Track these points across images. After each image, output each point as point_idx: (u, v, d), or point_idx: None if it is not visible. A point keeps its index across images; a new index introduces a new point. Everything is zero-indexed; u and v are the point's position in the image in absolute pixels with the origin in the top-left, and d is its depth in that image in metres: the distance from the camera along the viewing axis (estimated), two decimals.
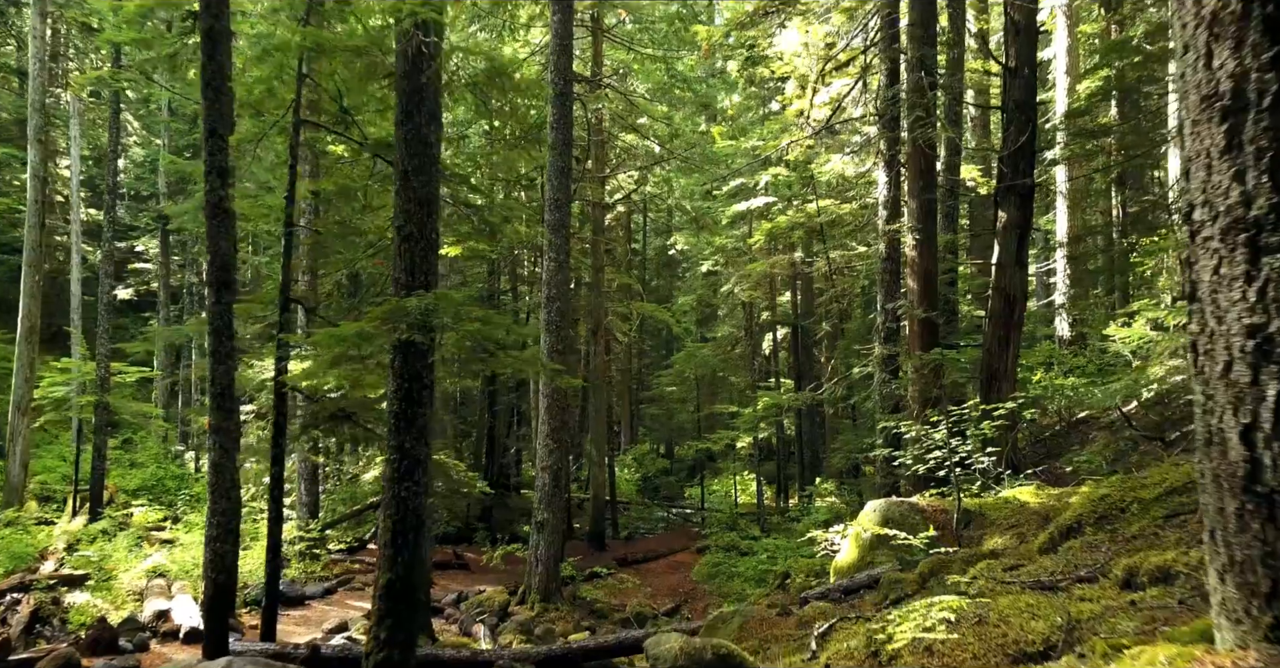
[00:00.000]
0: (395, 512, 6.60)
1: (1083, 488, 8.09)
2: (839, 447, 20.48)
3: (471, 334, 6.55)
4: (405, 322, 6.31)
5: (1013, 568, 4.86)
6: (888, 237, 13.03)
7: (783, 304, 27.41)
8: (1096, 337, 23.19)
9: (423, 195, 6.89)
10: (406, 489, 6.64)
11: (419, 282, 6.75)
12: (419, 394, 6.75)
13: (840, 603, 7.38)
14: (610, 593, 15.51)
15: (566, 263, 14.68)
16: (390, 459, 6.69)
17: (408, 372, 6.70)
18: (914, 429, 8.77)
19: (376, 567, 6.63)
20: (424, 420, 6.78)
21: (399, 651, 6.36)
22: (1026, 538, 7.03)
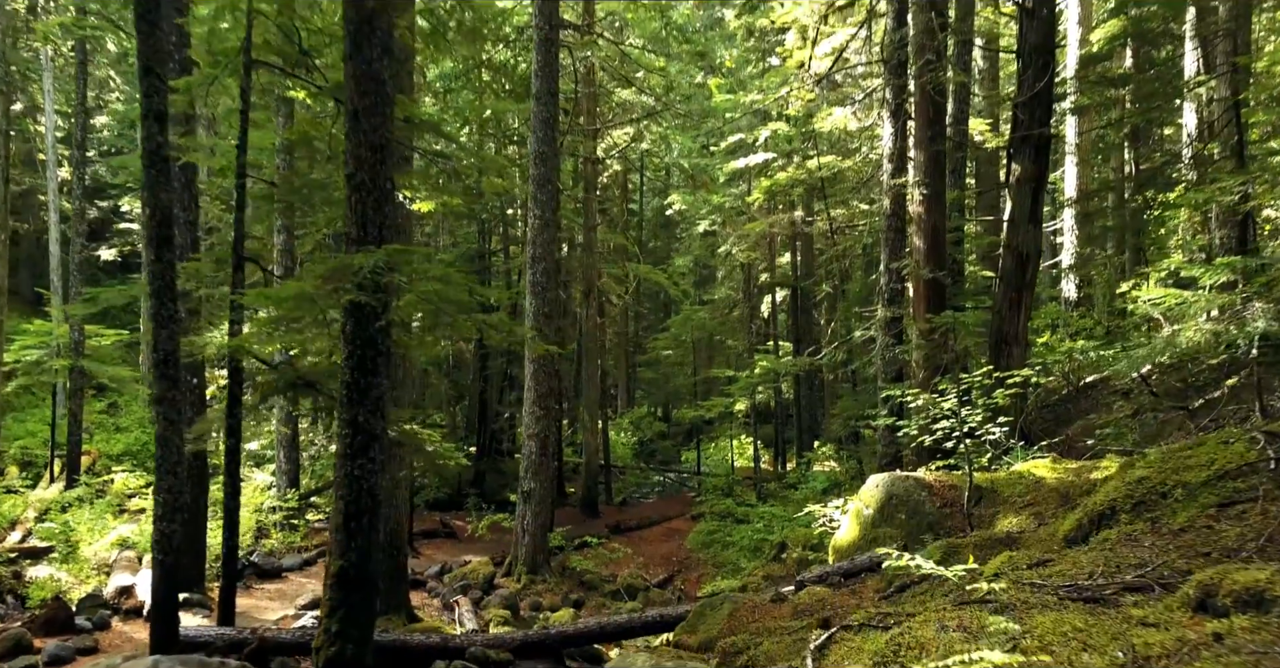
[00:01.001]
0: (348, 492, 5.96)
1: (1104, 462, 7.45)
2: (838, 413, 19.88)
3: (430, 296, 5.85)
4: (352, 281, 5.60)
5: (1039, 564, 4.21)
6: (892, 192, 12.26)
7: (782, 265, 26.64)
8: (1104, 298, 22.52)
9: (375, 139, 6.13)
10: (360, 468, 5.99)
11: (371, 236, 6.02)
12: (373, 362, 6.07)
13: (840, 588, 6.78)
14: (601, 563, 15.00)
15: (553, 220, 13.91)
16: (342, 435, 6.03)
17: (360, 337, 6.01)
18: (920, 398, 8.10)
19: (328, 552, 6.01)
20: (379, 391, 6.10)
21: (353, 645, 5.76)
22: (1045, 520, 6.40)
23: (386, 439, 6.19)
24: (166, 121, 7.33)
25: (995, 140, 19.35)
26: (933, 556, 6.17)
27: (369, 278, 5.65)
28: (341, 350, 6.07)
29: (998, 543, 5.91)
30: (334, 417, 15.39)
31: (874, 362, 12.84)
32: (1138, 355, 7.71)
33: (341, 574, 5.86)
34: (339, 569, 5.87)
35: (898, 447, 11.68)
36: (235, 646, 7.51)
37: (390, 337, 6.20)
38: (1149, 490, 4.69)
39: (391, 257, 5.73)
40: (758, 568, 13.57)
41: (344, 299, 5.60)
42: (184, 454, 7.44)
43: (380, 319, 5.87)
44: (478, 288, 5.98)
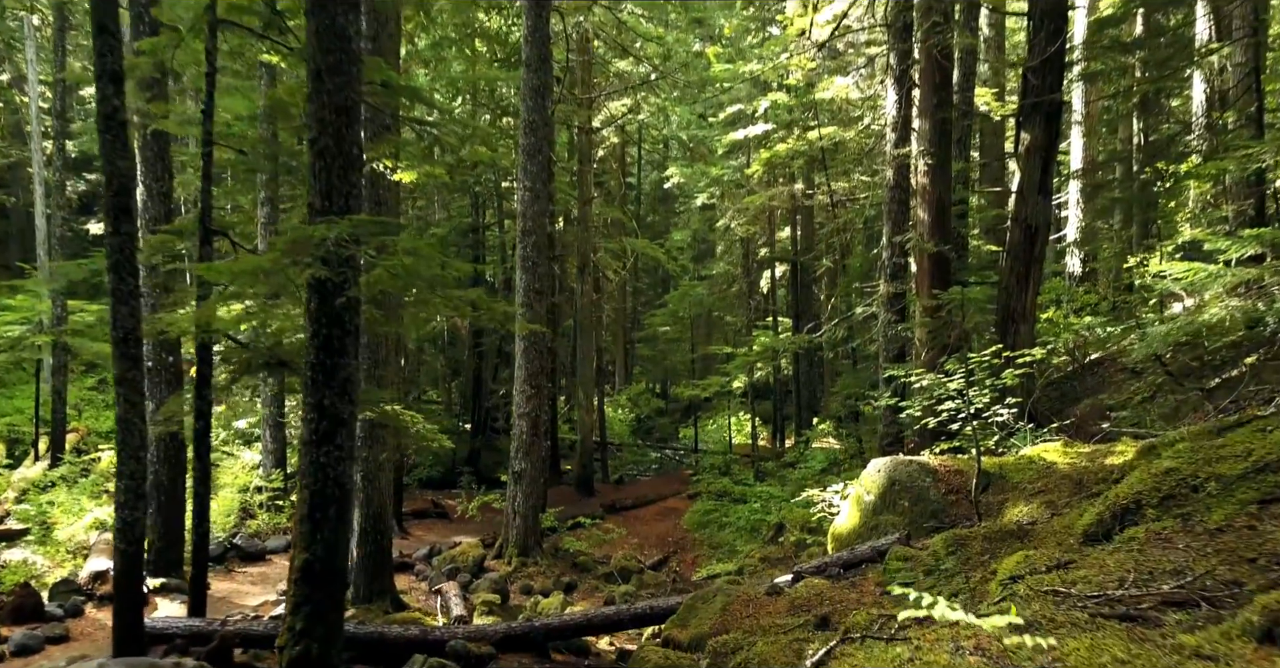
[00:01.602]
0: (314, 481, 5.56)
1: (1119, 446, 7.05)
2: (838, 391, 19.50)
3: (397, 270, 5.41)
4: (314, 255, 5.16)
5: (1060, 566, 3.82)
6: (896, 162, 11.77)
7: (782, 240, 26.13)
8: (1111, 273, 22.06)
9: (340, 101, 5.66)
10: (327, 455, 5.58)
11: (337, 206, 5.57)
12: (341, 342, 5.64)
13: (839, 580, 6.41)
14: (594, 544, 14.69)
15: (545, 193, 13.43)
16: (307, 419, 5.62)
17: (325, 315, 5.58)
18: (925, 378, 7.68)
19: (292, 545, 5.63)
20: (347, 373, 5.68)
21: (319, 644, 5.39)
22: (1058, 509, 6.02)
23: (355, 424, 5.78)
24: (122, 83, 6.86)
25: (1001, 110, 18.80)
26: (938, 548, 5.80)
27: (332, 251, 5.21)
28: (306, 329, 5.65)
29: (1008, 536, 5.52)
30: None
31: (875, 339, 12.43)
32: (1156, 334, 7.29)
33: (306, 568, 5.47)
34: (304, 563, 5.48)
35: (899, 427, 11.30)
36: (203, 638, 7.17)
37: (359, 314, 5.77)
38: (1178, 483, 4.29)
39: (356, 228, 5.29)
40: (754, 550, 13.25)
41: (305, 274, 5.17)
42: (147, 438, 7.06)
43: (346, 295, 5.43)
44: (452, 262, 5.54)
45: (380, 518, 10.16)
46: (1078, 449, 7.27)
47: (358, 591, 10.09)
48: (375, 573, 10.13)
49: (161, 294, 10.46)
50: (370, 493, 10.13)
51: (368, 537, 10.08)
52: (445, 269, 5.57)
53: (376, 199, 10.04)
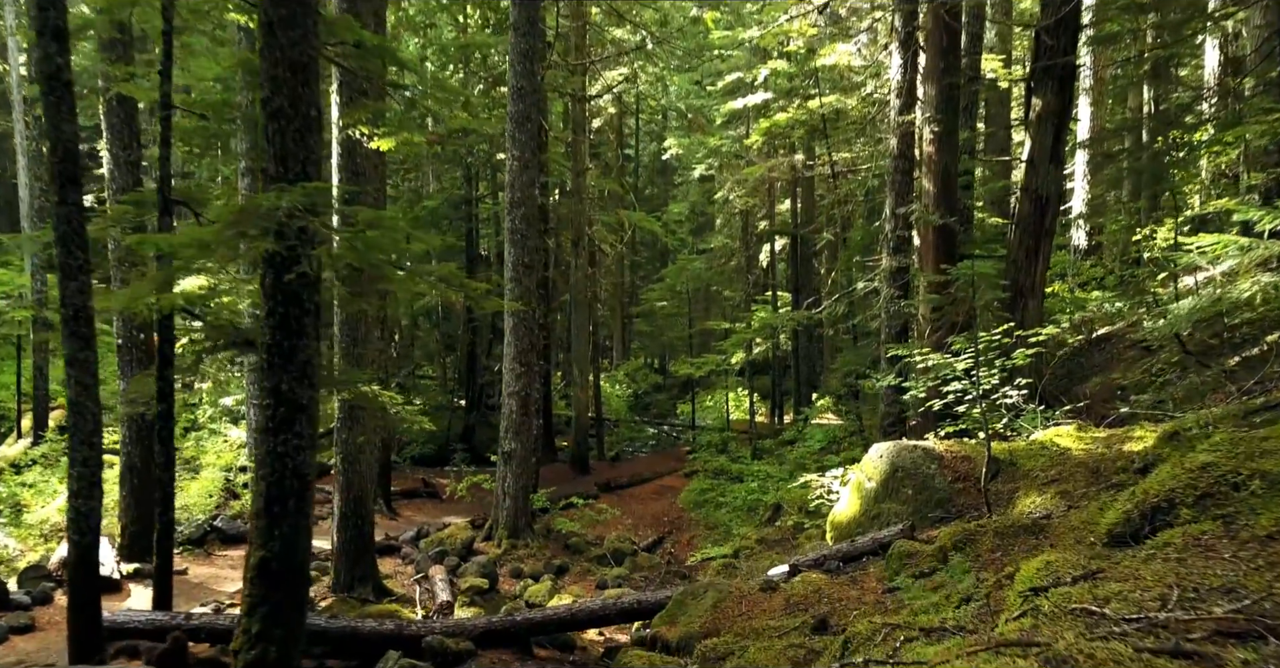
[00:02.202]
0: (271, 472, 5.13)
1: (1138, 431, 6.62)
2: (837, 368, 19.05)
3: (360, 244, 4.94)
4: (263, 226, 4.69)
5: (1089, 577, 3.39)
6: (900, 130, 11.24)
7: (781, 212, 25.58)
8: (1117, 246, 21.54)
9: (295, 57, 5.15)
10: (284, 443, 5.15)
11: (293, 172, 5.09)
12: (299, 322, 5.19)
13: (838, 575, 6.01)
14: (587, 525, 14.32)
15: (534, 162, 12.90)
16: (264, 405, 5.18)
17: (282, 293, 5.12)
18: (930, 357, 7.23)
19: (249, 540, 5.22)
20: (307, 355, 5.23)
21: (277, 648, 4.99)
22: (1075, 500, 5.60)
23: (316, 409, 5.34)
24: (66, 40, 6.34)
25: (1008, 76, 18.19)
26: (946, 543, 5.38)
27: (282, 223, 4.74)
28: (262, 308, 5.19)
29: (1022, 531, 5.10)
30: None
31: (877, 315, 11.97)
32: (1180, 311, 6.84)
33: (263, 567, 5.06)
34: (260, 561, 5.07)
35: (901, 407, 10.89)
36: (166, 633, 6.79)
37: (318, 291, 5.31)
38: (1216, 481, 3.86)
39: (312, 197, 4.81)
40: (751, 532, 12.89)
41: (251, 246, 4.70)
42: (100, 422, 6.62)
43: (303, 271, 4.96)
44: (420, 235, 5.08)
45: (361, 502, 9.77)
46: (1093, 434, 6.84)
47: (338, 577, 9.74)
48: (356, 558, 9.75)
49: (128, 268, 9.99)
50: (350, 476, 9.73)
51: (348, 522, 9.69)
52: (411, 242, 5.10)
53: (354, 169, 9.54)
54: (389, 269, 5.14)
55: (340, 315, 9.59)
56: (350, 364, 9.58)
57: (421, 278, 5.31)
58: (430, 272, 5.36)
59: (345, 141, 9.31)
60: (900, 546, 5.67)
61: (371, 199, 14.43)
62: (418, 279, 5.36)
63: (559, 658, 6.86)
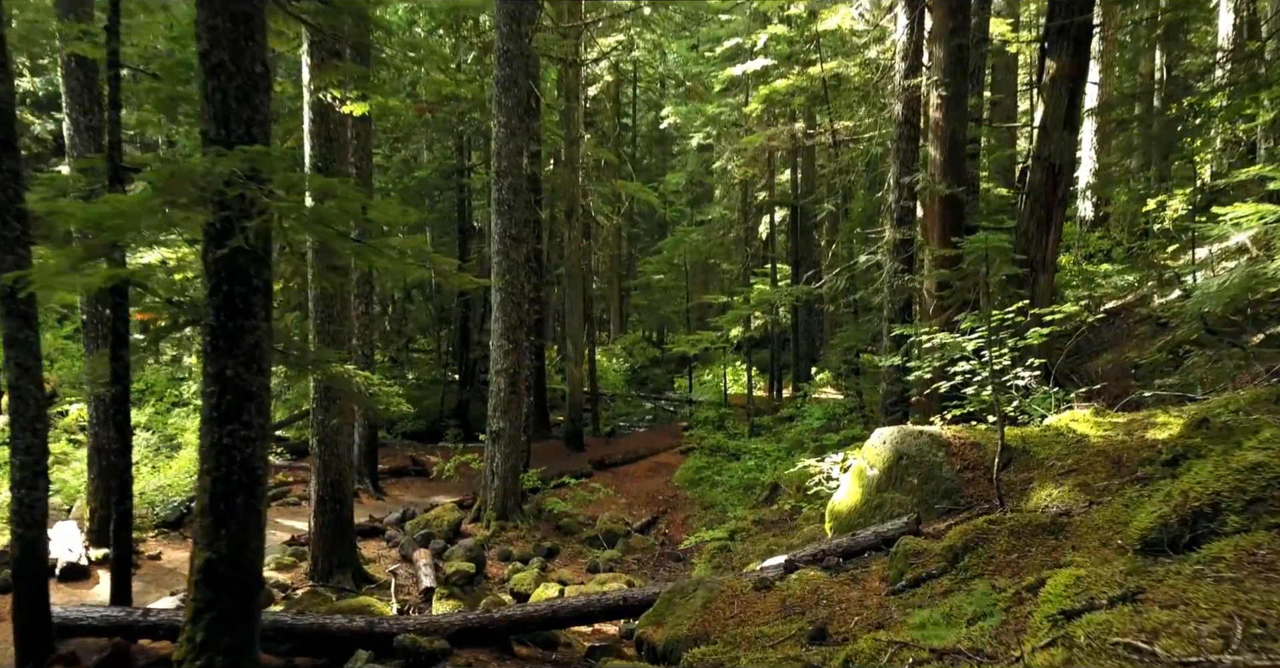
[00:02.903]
0: (216, 466, 4.68)
1: (1160, 416, 6.15)
2: (837, 344, 18.58)
3: (309, 216, 4.44)
4: (196, 195, 4.19)
5: (1130, 598, 2.94)
6: (906, 95, 10.67)
7: (781, 183, 24.95)
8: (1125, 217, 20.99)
9: (237, 7, 4.62)
10: (231, 434, 4.69)
11: (237, 134, 4.58)
12: (246, 301, 4.71)
13: (838, 572, 5.58)
14: (579, 505, 13.95)
15: (522, 130, 12.33)
16: (207, 393, 4.72)
17: (228, 269, 4.63)
18: (937, 336, 6.75)
19: (193, 540, 4.78)
20: (255, 337, 4.75)
21: (225, 657, 4.57)
22: (1096, 494, 5.15)
23: (267, 397, 4.88)
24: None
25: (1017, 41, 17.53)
26: (955, 542, 4.94)
27: (220, 191, 4.24)
28: (204, 285, 4.70)
29: (1040, 530, 4.66)
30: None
31: (879, 290, 11.47)
32: (1211, 289, 6.36)
33: (209, 569, 4.63)
34: (205, 563, 4.64)
35: (904, 386, 10.43)
36: (123, 630, 6.39)
37: (268, 268, 4.82)
38: (1269, 483, 3.40)
39: (254, 162, 4.30)
40: (747, 513, 12.52)
41: (185, 217, 4.20)
42: (45, 407, 6.16)
43: (237, 245, 4.47)
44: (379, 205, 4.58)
45: (339, 485, 9.35)
46: (1111, 419, 6.38)
47: (315, 564, 9.35)
48: (335, 544, 9.35)
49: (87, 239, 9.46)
50: (328, 459, 9.30)
51: (326, 506, 9.28)
52: (368, 213, 4.60)
53: (327, 135, 8.99)
54: (340, 243, 4.64)
55: (314, 291, 9.10)
56: (325, 342, 9.11)
57: (382, 253, 4.82)
58: (393, 246, 4.87)
59: (316, 106, 8.76)
60: (905, 543, 5.24)
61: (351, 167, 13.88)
62: (378, 254, 4.87)
63: (540, 657, 6.46)
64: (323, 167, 8.95)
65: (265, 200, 4.13)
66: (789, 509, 10.55)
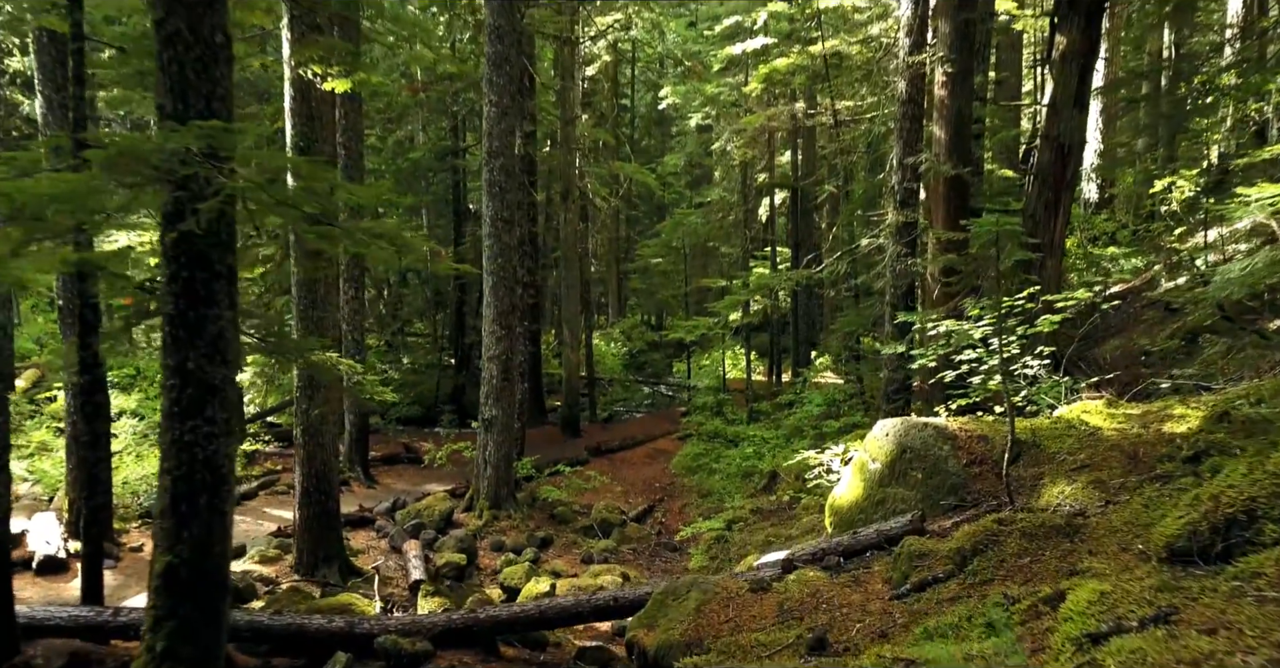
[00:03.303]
0: (177, 464, 4.40)
1: (1178, 408, 5.86)
2: (838, 329, 18.26)
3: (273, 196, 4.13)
4: (146, 174, 3.88)
5: (1163, 619, 2.66)
6: (910, 71, 10.29)
7: (781, 165, 24.55)
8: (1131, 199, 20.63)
9: None
10: (194, 430, 4.40)
11: (195, 110, 4.26)
12: (208, 287, 4.41)
13: (839, 573, 5.31)
14: (575, 493, 13.71)
15: (514, 109, 11.97)
16: (167, 386, 4.43)
17: (187, 254, 4.33)
18: (944, 323, 6.44)
19: (153, 543, 4.51)
20: (219, 327, 4.45)
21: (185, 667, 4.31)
22: (1112, 493, 4.87)
23: (233, 390, 4.59)
24: None
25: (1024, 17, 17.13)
26: (964, 543, 4.67)
27: (175, 169, 3.92)
28: (162, 271, 4.40)
29: (1054, 532, 4.38)
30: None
31: (882, 274, 11.16)
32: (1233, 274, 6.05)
33: (170, 575, 4.35)
34: (166, 568, 4.36)
35: (906, 373, 10.14)
36: (92, 631, 6.13)
37: (232, 252, 4.51)
38: None
39: (212, 138, 3.98)
40: (745, 502, 12.27)
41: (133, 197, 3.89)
42: (5, 402, 5.87)
43: (219, 229, 4.16)
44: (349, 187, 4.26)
45: (324, 476, 9.08)
46: (1125, 410, 6.09)
47: (300, 557, 9.10)
48: (320, 537, 9.10)
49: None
50: (312, 449, 9.02)
51: (310, 497, 9.01)
52: (336, 194, 4.29)
53: (308, 113, 8.64)
54: (303, 227, 4.33)
55: (297, 276, 8.79)
56: (308, 328, 8.81)
57: (354, 237, 4.51)
58: (366, 230, 4.56)
59: (297, 82, 8.41)
60: (910, 544, 4.96)
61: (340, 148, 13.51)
62: (350, 238, 4.56)
63: (528, 658, 6.22)
64: (305, 146, 8.62)
65: (221, 180, 3.82)
66: (787, 500, 10.29)
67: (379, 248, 4.78)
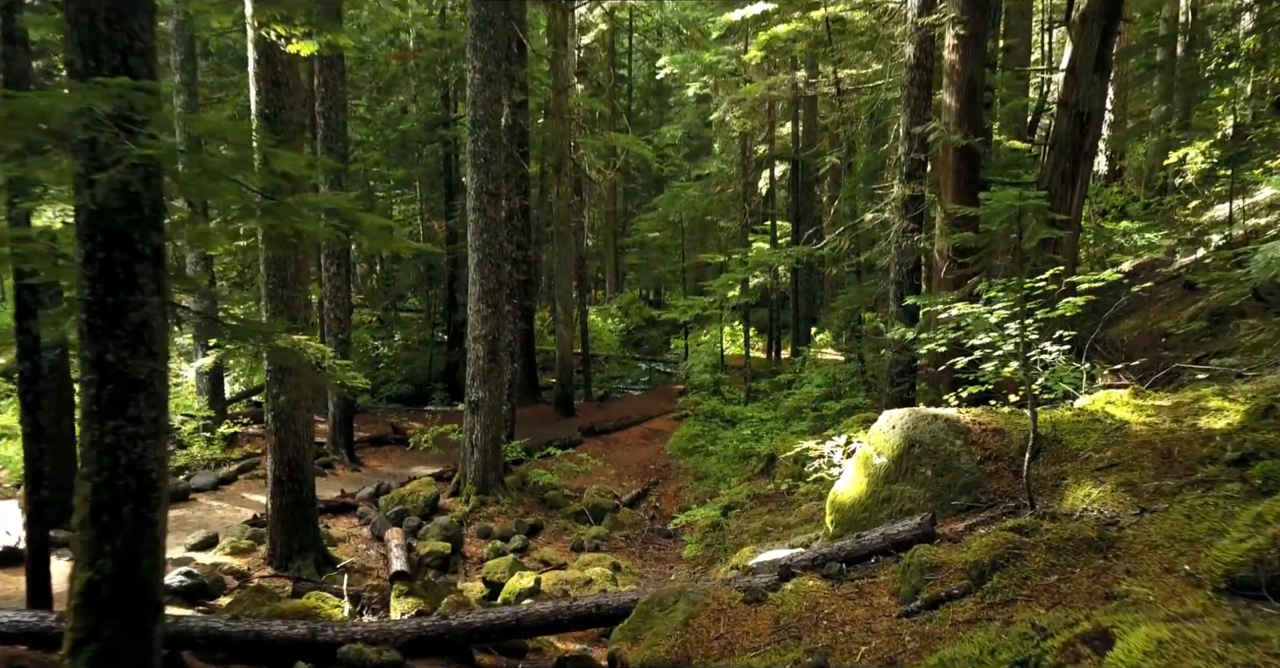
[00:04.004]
0: (98, 469, 3.90)
1: (1212, 400, 5.35)
2: (838, 306, 17.72)
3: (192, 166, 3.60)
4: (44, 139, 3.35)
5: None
6: (919, 35, 9.67)
7: (782, 136, 23.86)
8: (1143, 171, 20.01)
9: None
10: (116, 431, 3.90)
11: (109, 67, 3.72)
12: (130, 270, 3.88)
13: (841, 583, 4.84)
14: (566, 476, 13.28)
15: (499, 76, 11.35)
16: (85, 381, 3.92)
17: (104, 232, 3.80)
18: (956, 306, 5.92)
19: (73, 558, 4.02)
20: (143, 314, 3.94)
21: None
22: (1146, 499, 4.38)
23: (163, 385, 4.08)
24: None
25: None
26: (981, 555, 4.19)
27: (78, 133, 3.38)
28: (77, 253, 3.87)
29: (1085, 546, 3.90)
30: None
31: (886, 250, 10.62)
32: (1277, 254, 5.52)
33: (90, 593, 3.87)
34: (86, 585, 3.88)
35: (911, 355, 9.64)
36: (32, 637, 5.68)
37: (158, 230, 3.99)
38: None
39: (124, 97, 3.43)
40: (743, 487, 11.82)
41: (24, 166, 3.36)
42: None
43: (142, 204, 3.63)
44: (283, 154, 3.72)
45: (297, 464, 8.61)
46: (1154, 401, 5.59)
47: (274, 549, 8.66)
48: (295, 527, 8.65)
49: None
50: (284, 436, 8.55)
51: (283, 486, 8.55)
52: (270, 162, 3.75)
53: (273, 78, 8.06)
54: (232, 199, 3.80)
55: (265, 253, 8.26)
56: (277, 309, 8.30)
57: (298, 212, 3.98)
58: (311, 203, 4.03)
59: (260, 44, 7.82)
60: (920, 553, 4.48)
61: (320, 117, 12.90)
62: (295, 214, 4.02)
63: (505, 666, 5.77)
64: (271, 114, 8.05)
65: (125, 146, 3.28)
66: (785, 488, 9.83)
67: (330, 226, 4.25)
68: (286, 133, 8.11)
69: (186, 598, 7.32)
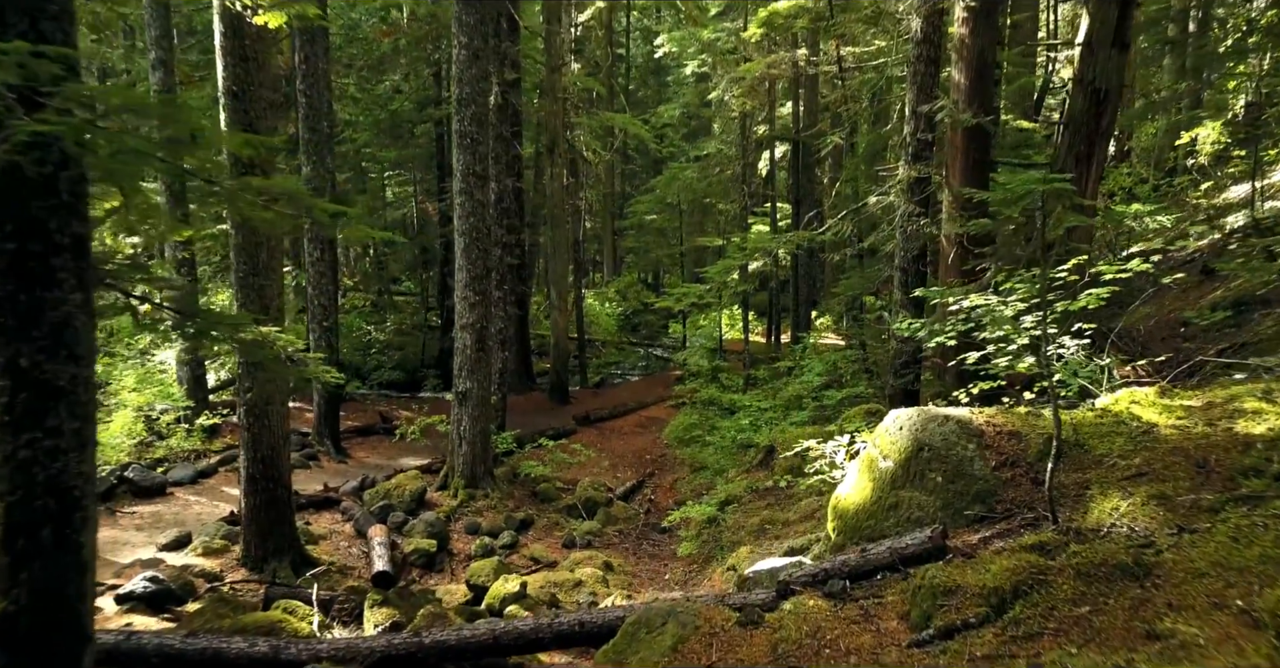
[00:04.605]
0: (12, 488, 3.47)
1: (1247, 400, 4.92)
2: (840, 292, 17.26)
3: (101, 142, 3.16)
4: None
5: None
6: (927, 7, 9.18)
7: (782, 116, 23.30)
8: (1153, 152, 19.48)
9: None
10: (31, 445, 3.48)
11: (18, 30, 3.27)
12: (46, 264, 3.45)
13: (845, 601, 4.43)
14: (559, 468, 12.89)
15: (486, 52, 10.85)
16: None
17: (16, 220, 3.37)
18: (969, 297, 5.48)
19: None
20: (63, 313, 3.50)
21: None
22: (1183, 513, 3.96)
23: (87, 391, 3.65)
24: None
25: None
26: (1001, 580, 3.77)
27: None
28: None
29: (1118, 574, 3.48)
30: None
31: (891, 235, 10.16)
32: None
33: (6, 626, 3.45)
34: (1, 617, 3.46)
35: (916, 346, 9.21)
36: None
37: (80, 217, 3.54)
38: None
39: (26, 67, 2.98)
40: (741, 478, 11.45)
41: None
42: None
43: (57, 185, 3.19)
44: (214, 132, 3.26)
45: (272, 462, 8.20)
46: (1182, 402, 5.16)
47: (249, 549, 8.27)
48: (269, 527, 8.26)
49: None
50: (258, 432, 8.14)
51: (257, 485, 8.15)
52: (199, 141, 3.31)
53: (241, 53, 7.57)
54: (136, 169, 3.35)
55: (235, 239, 7.81)
56: (249, 298, 7.86)
57: (242, 198, 3.55)
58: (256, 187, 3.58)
59: (226, 15, 7.34)
60: (932, 574, 4.07)
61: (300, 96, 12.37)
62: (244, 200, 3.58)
63: None
64: (238, 91, 7.57)
65: (15, 121, 2.83)
66: (784, 485, 9.43)
67: (277, 212, 3.80)
68: (255, 111, 7.64)
69: (151, 605, 6.94)
